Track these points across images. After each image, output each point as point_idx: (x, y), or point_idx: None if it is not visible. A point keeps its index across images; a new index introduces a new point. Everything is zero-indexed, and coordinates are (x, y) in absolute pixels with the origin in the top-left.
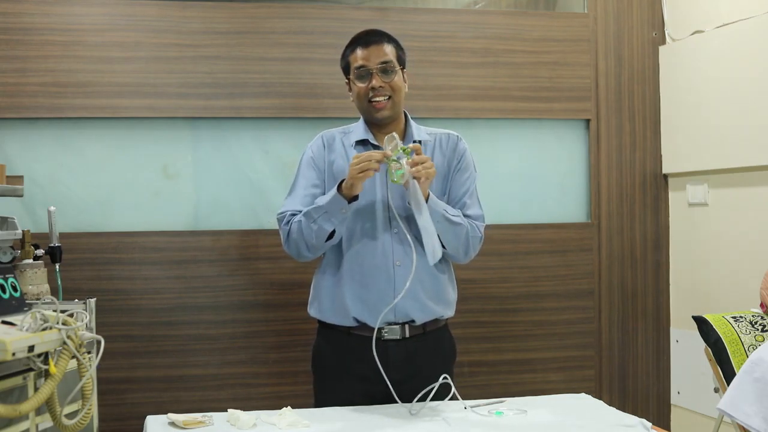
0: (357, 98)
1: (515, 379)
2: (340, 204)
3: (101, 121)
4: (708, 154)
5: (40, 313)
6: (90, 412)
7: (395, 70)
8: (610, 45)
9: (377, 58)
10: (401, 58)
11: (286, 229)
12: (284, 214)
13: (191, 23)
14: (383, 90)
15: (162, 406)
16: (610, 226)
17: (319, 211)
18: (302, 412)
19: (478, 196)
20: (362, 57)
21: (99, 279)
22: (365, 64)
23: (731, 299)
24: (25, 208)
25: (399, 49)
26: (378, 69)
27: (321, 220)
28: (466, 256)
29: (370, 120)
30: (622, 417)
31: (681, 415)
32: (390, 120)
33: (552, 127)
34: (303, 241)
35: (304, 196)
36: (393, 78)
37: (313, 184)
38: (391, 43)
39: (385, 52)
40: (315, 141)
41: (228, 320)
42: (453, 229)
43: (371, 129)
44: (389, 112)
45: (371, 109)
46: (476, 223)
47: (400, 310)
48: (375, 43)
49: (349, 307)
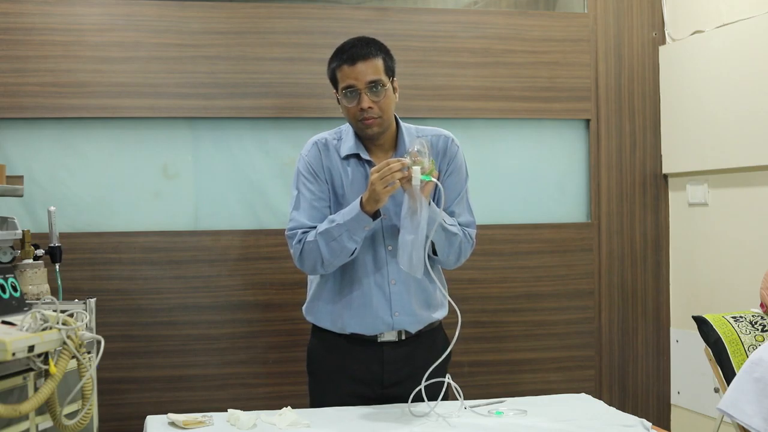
0: (347, 114)
1: (515, 379)
2: (363, 221)
3: (101, 121)
4: (708, 154)
5: (40, 313)
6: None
7: (385, 87)
8: (610, 45)
9: (365, 77)
10: (390, 69)
11: (298, 248)
12: (295, 232)
13: (191, 23)
14: (372, 111)
15: (162, 406)
16: (610, 226)
17: (340, 230)
18: (302, 412)
19: (469, 202)
20: (349, 76)
21: (99, 279)
22: (353, 84)
23: (731, 299)
24: (25, 208)
25: (387, 59)
26: (367, 88)
27: (343, 239)
28: (457, 263)
29: (362, 135)
30: (622, 417)
31: (681, 415)
32: (380, 135)
33: (552, 127)
34: (320, 260)
35: (312, 209)
36: (382, 96)
37: (318, 197)
38: (379, 55)
39: (373, 69)
40: (309, 149)
41: (228, 320)
42: (449, 238)
43: (361, 140)
44: (379, 129)
45: (362, 126)
46: (468, 230)
47: (397, 325)
48: (362, 59)
49: (346, 323)
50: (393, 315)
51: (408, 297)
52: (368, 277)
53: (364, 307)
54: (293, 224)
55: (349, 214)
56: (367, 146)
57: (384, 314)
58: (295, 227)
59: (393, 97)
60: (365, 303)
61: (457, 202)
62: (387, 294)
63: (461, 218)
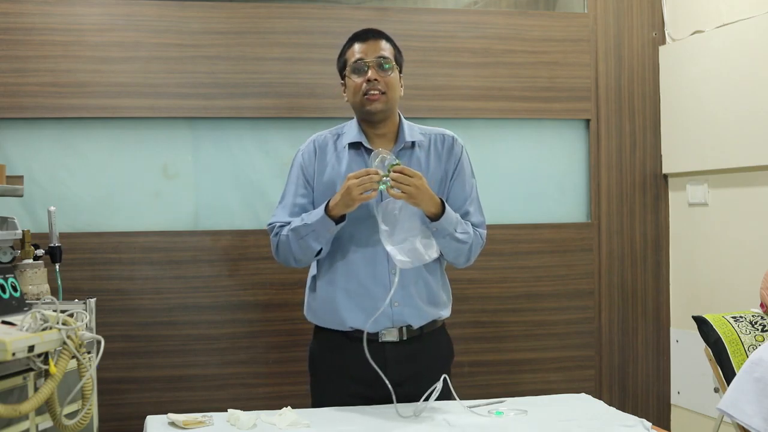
0: (352, 93)
1: (515, 379)
2: (327, 225)
3: (101, 121)
4: (708, 154)
5: (40, 313)
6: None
7: (392, 67)
8: (610, 45)
9: (374, 53)
10: (398, 60)
11: (275, 241)
12: (273, 225)
13: (191, 23)
14: (378, 84)
15: (162, 406)
16: (610, 226)
17: (306, 229)
18: (302, 412)
19: (479, 202)
20: (360, 51)
21: (99, 279)
22: (362, 57)
23: (731, 299)
24: (25, 208)
25: (397, 50)
26: (375, 63)
27: (309, 239)
28: (467, 263)
29: (364, 116)
30: (622, 417)
31: (681, 415)
32: (383, 116)
33: (552, 127)
34: (291, 255)
35: (293, 205)
36: (389, 74)
37: (301, 194)
38: (390, 42)
39: (383, 48)
40: (307, 145)
41: (228, 320)
42: (457, 245)
43: (364, 130)
44: (382, 105)
45: (365, 102)
46: (480, 230)
47: (397, 317)
48: (373, 39)
49: (345, 317)
50: (392, 305)
51: (409, 288)
52: (368, 267)
53: (362, 297)
54: (273, 218)
55: (316, 216)
56: (368, 136)
57: (383, 303)
58: (273, 221)
59: (399, 83)
60: (363, 293)
61: (469, 202)
62: (386, 284)
63: (473, 218)
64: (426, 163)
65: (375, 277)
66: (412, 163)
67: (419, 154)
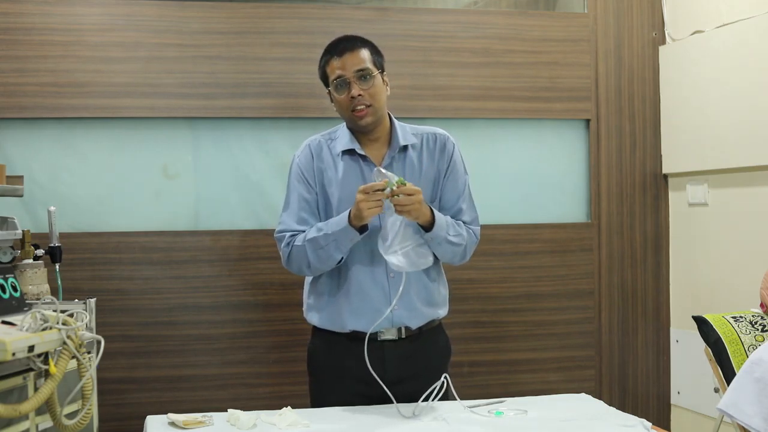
0: (339, 108)
1: (515, 379)
2: (350, 235)
3: (101, 121)
4: (708, 154)
5: (40, 313)
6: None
7: (373, 75)
8: (610, 45)
9: (353, 66)
10: (378, 62)
11: (286, 251)
12: (283, 235)
13: (191, 23)
14: (362, 99)
15: (162, 406)
16: (610, 226)
17: (327, 239)
18: (302, 412)
19: (471, 198)
20: (338, 67)
21: (99, 279)
22: (342, 74)
23: (731, 299)
24: (25, 208)
25: (375, 53)
26: (355, 77)
27: (330, 248)
28: (462, 261)
29: (356, 128)
30: (622, 417)
31: (681, 415)
32: (374, 126)
33: (552, 127)
34: (306, 264)
35: (300, 211)
36: (371, 84)
37: (307, 200)
38: (366, 47)
39: (360, 59)
40: (302, 151)
41: (228, 320)
42: (452, 248)
43: (356, 135)
44: (371, 118)
45: (354, 118)
46: (473, 228)
47: (396, 319)
48: (349, 51)
49: (346, 320)
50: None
51: (408, 291)
52: (366, 272)
53: (362, 302)
54: (282, 227)
55: (338, 226)
56: (361, 141)
57: (383, 308)
58: (283, 230)
59: (383, 89)
60: (363, 297)
61: (462, 199)
62: (386, 287)
63: (466, 216)
64: (419, 163)
65: (373, 280)
66: (406, 165)
67: (412, 156)
